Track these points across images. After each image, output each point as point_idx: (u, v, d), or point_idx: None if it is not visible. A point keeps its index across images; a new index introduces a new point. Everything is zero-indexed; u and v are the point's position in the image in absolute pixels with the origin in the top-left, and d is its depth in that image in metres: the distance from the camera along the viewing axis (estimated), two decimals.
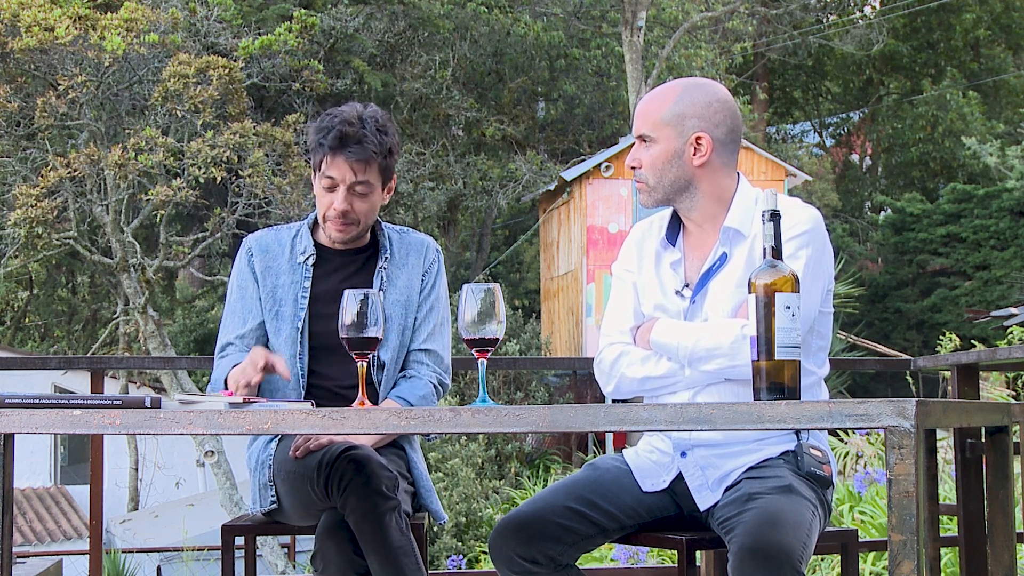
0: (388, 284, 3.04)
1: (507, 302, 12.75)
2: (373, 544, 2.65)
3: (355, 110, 2.98)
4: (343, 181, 2.94)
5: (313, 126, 3.04)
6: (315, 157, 3.00)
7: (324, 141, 2.94)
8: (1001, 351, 3.78)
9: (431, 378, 3.05)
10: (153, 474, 16.56)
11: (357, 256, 3.07)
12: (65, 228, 12.78)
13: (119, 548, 10.33)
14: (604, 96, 19.62)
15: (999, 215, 21.17)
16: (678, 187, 2.63)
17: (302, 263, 3.03)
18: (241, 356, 2.94)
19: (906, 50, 26.39)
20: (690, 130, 2.60)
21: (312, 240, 3.06)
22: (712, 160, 2.62)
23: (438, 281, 3.11)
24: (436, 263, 3.11)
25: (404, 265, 3.07)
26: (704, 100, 2.61)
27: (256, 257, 3.05)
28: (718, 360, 2.50)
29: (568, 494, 2.61)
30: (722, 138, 2.62)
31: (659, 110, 2.62)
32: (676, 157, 2.61)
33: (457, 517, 11.47)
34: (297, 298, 3.01)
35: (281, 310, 3.01)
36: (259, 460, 3.00)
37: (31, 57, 11.77)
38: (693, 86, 2.65)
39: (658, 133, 2.62)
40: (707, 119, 2.61)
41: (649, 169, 2.63)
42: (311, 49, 14.60)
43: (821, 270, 2.56)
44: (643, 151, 2.64)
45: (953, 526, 5.04)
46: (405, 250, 3.09)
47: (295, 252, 3.05)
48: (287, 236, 3.08)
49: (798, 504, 2.39)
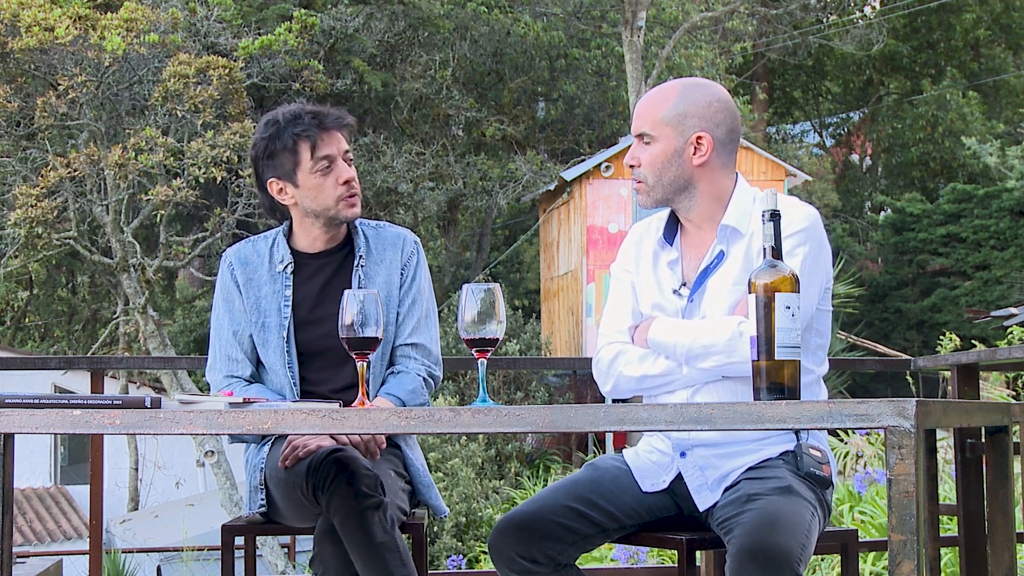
0: (367, 281, 3.01)
1: (507, 302, 12.75)
2: (356, 542, 2.65)
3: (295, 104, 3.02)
4: (339, 152, 2.95)
5: (264, 132, 2.96)
6: (290, 157, 2.93)
7: (306, 128, 2.91)
8: (1001, 351, 3.78)
9: (419, 371, 3.03)
10: (153, 474, 16.56)
11: (333, 257, 3.05)
12: (65, 228, 12.78)
13: (119, 548, 10.33)
14: (604, 96, 19.61)
15: (999, 215, 21.16)
16: (677, 187, 2.62)
17: (281, 271, 3.02)
18: (242, 377, 2.99)
19: (906, 50, 26.38)
20: (691, 129, 2.60)
21: (288, 247, 3.05)
22: (712, 160, 2.61)
23: (419, 273, 3.07)
24: (415, 255, 3.08)
25: (382, 261, 3.04)
26: (705, 100, 2.61)
27: (237, 270, 3.04)
28: (715, 357, 2.50)
29: (568, 494, 2.61)
30: (722, 138, 2.62)
31: (660, 109, 2.62)
32: (676, 156, 2.60)
33: (457, 517, 11.47)
34: (280, 307, 3.00)
35: (267, 321, 3.00)
36: (252, 463, 3.00)
37: (31, 57, 11.77)
38: (693, 86, 2.65)
39: (658, 132, 2.61)
40: (708, 119, 2.60)
41: (648, 168, 2.62)
42: (311, 49, 14.60)
43: (819, 268, 2.56)
44: (642, 150, 2.64)
45: (953, 526, 5.04)
46: (382, 245, 3.06)
47: (274, 261, 3.03)
48: (264, 246, 3.06)
49: (797, 505, 2.39)
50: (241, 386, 3.00)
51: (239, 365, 3.01)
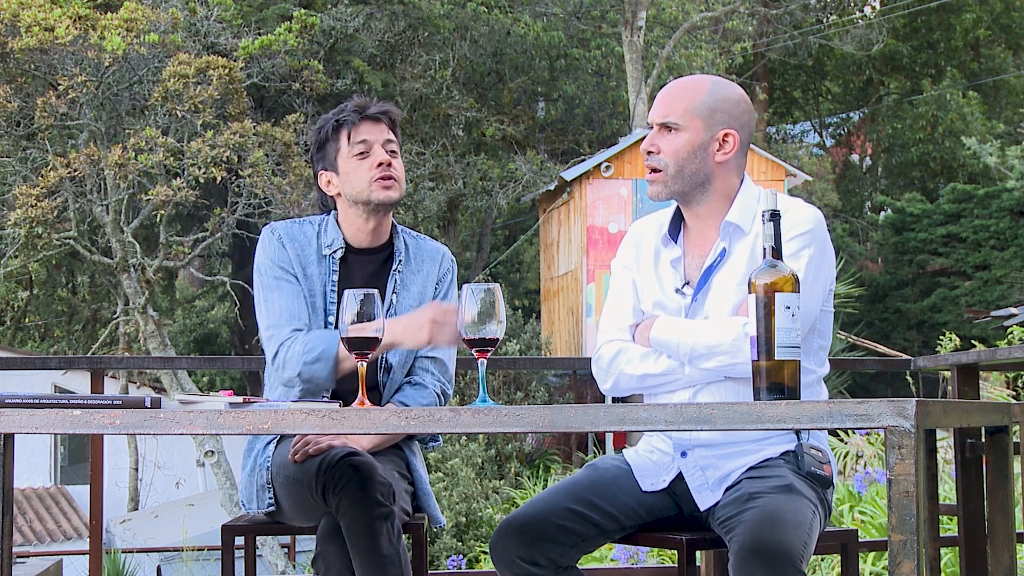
0: (401, 287, 3.02)
1: (507, 302, 12.74)
2: (361, 550, 2.65)
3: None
4: (377, 140, 2.97)
5: (316, 127, 3.04)
6: (332, 144, 2.98)
7: (346, 116, 2.97)
8: (1001, 351, 3.78)
9: (436, 387, 3.04)
10: (153, 474, 16.56)
11: (376, 256, 3.05)
12: (65, 228, 12.77)
13: (119, 548, 10.33)
14: (604, 96, 19.61)
15: (999, 215, 21.16)
16: (696, 181, 2.60)
17: (328, 255, 3.00)
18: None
19: (906, 50, 26.38)
20: (719, 125, 2.58)
21: (341, 234, 3.03)
22: (732, 159, 2.61)
23: (451, 291, 3.09)
24: (450, 272, 3.11)
25: (419, 271, 3.06)
26: (734, 98, 2.61)
27: (287, 243, 3.00)
28: (719, 358, 2.49)
29: (568, 495, 2.61)
30: (745, 139, 2.62)
31: (692, 100, 2.59)
32: (701, 150, 2.58)
33: (457, 517, 11.47)
34: (327, 291, 2.98)
35: (314, 302, 2.97)
36: (256, 462, 2.99)
37: (31, 57, 11.77)
38: (722, 83, 2.64)
39: (687, 122, 2.58)
40: (736, 117, 2.60)
41: (671, 156, 2.59)
42: (311, 49, 14.59)
43: (823, 269, 2.56)
44: (665, 138, 2.60)
45: (953, 526, 5.04)
46: (420, 256, 3.08)
47: (321, 244, 3.01)
48: (311, 229, 3.04)
49: (799, 503, 2.39)
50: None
51: (303, 318, 2.92)
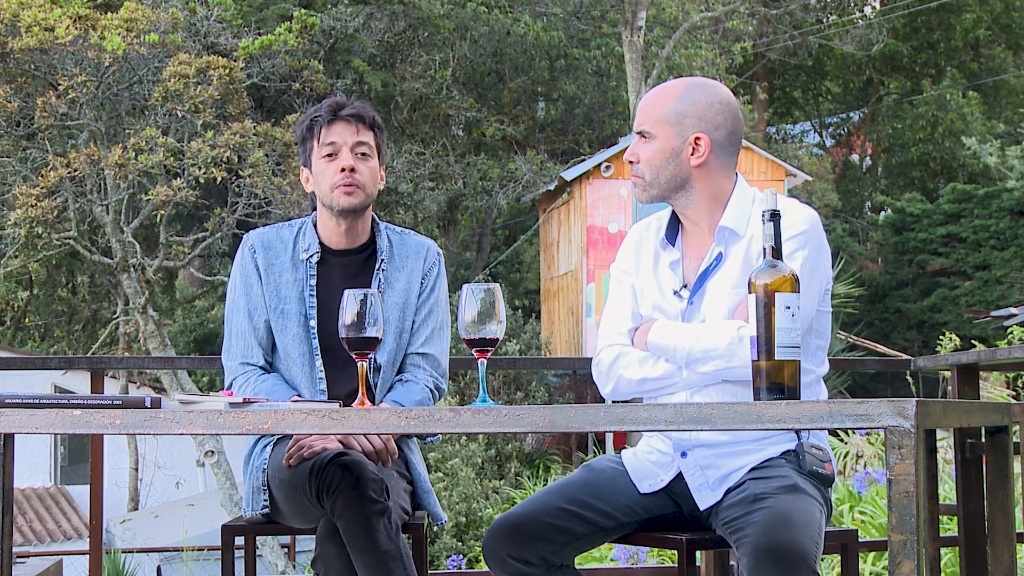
0: (386, 286, 3.01)
1: (507, 302, 12.74)
2: (360, 548, 2.64)
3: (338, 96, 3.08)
4: (344, 143, 2.96)
5: (298, 122, 3.08)
6: (308, 143, 3.01)
7: (319, 115, 2.99)
8: (1001, 351, 3.78)
9: (427, 382, 3.03)
10: (153, 474, 16.56)
11: (356, 256, 3.04)
12: (65, 228, 12.77)
13: (119, 548, 10.33)
14: (604, 96, 19.61)
15: (999, 215, 21.16)
16: (674, 185, 2.63)
17: (305, 260, 3.01)
18: (256, 365, 2.98)
19: (906, 50, 26.38)
20: (689, 130, 2.60)
21: (317, 237, 3.04)
22: (710, 161, 2.61)
23: (438, 284, 3.08)
24: (436, 266, 3.09)
25: (403, 267, 3.05)
26: (706, 101, 2.61)
27: (259, 254, 3.02)
28: (715, 361, 2.50)
29: (561, 495, 2.62)
30: (721, 140, 2.61)
31: (660, 108, 2.62)
32: (674, 155, 2.61)
33: (457, 517, 11.47)
34: (304, 296, 2.99)
35: (286, 308, 2.98)
36: (253, 464, 2.99)
37: (31, 57, 11.77)
38: (696, 86, 2.65)
39: (657, 130, 2.62)
40: (707, 120, 2.60)
41: (646, 165, 2.63)
42: (311, 49, 14.59)
43: (819, 270, 2.57)
44: (642, 147, 2.65)
45: (953, 526, 5.04)
46: (405, 252, 3.06)
47: (298, 249, 3.02)
48: (288, 234, 3.05)
49: (806, 503, 2.40)
50: (256, 374, 2.98)
51: (253, 352, 2.99)
